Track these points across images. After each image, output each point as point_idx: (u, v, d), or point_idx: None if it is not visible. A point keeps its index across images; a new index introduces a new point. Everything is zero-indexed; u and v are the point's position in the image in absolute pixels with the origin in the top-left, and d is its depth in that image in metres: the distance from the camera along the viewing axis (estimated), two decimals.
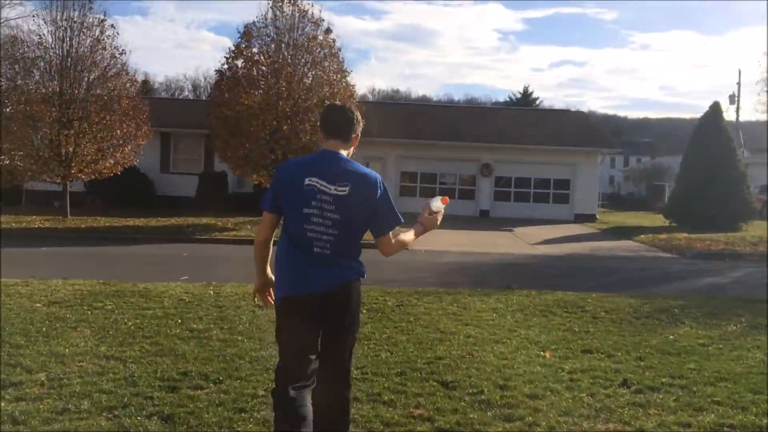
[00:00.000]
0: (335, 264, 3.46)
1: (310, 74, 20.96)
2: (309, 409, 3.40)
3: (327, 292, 3.44)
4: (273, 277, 3.67)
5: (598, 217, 29.02)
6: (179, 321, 7.13)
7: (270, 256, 3.72)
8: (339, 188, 3.43)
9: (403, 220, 3.62)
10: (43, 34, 20.05)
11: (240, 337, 6.51)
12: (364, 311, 7.87)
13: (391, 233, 3.59)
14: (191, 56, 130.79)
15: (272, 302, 3.71)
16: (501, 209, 28.63)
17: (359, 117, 3.68)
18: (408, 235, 3.72)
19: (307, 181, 3.43)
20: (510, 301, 8.99)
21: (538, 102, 64.54)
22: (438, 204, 3.77)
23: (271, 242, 3.68)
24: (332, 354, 3.57)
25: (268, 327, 6.94)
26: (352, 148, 3.67)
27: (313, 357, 3.50)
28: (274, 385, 3.52)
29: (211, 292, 8.94)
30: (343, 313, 3.52)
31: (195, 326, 6.91)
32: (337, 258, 3.45)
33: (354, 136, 3.65)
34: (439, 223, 3.75)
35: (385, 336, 6.78)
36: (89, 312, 7.44)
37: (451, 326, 7.33)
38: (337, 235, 3.42)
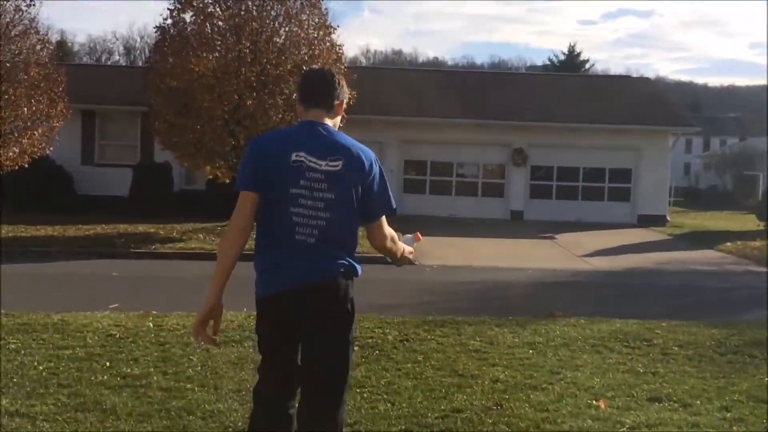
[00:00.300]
0: (319, 254, 3.78)
1: (282, 31, 21.03)
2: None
3: (312, 284, 3.76)
4: (222, 305, 3.97)
5: (669, 218, 29.05)
6: (107, 364, 7.14)
7: (234, 266, 3.94)
8: (331, 164, 3.77)
9: (395, 206, 4.06)
10: None
11: (189, 385, 6.52)
12: (357, 348, 7.92)
13: (384, 220, 4.05)
14: (122, 8, 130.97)
15: (213, 340, 3.99)
16: (539, 209, 28.66)
17: (342, 80, 4.06)
18: (400, 244, 4.27)
19: (294, 156, 3.76)
20: (552, 333, 9.02)
21: (588, 65, 64.69)
22: (410, 247, 4.41)
23: (248, 236, 3.89)
24: (316, 363, 3.85)
25: (227, 371, 6.98)
26: (338, 117, 4.04)
27: (291, 367, 3.91)
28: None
29: (150, 325, 8.96)
30: (329, 311, 3.81)
31: (129, 371, 6.93)
32: (324, 248, 3.78)
33: (338, 103, 4.01)
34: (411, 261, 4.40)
35: (384, 381, 6.80)
36: None
37: (472, 368, 7.34)
38: (329, 218, 3.76)
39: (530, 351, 8.11)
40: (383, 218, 4.04)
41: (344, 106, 4.04)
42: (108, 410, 5.81)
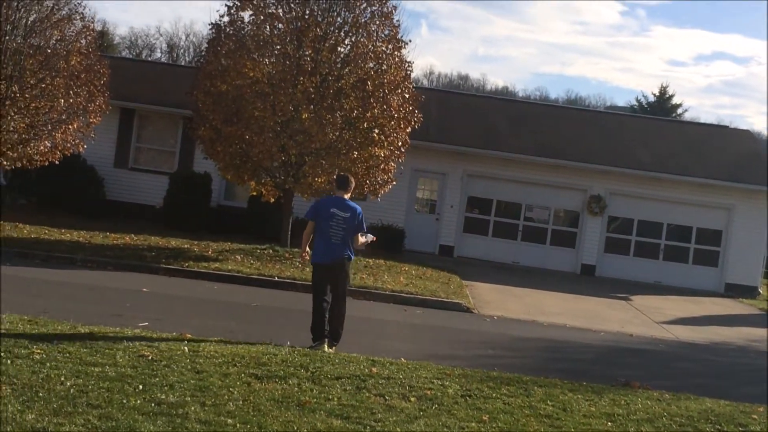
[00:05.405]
0: (340, 247, 11.02)
1: (348, 41, 21.13)
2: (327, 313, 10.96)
3: (335, 261, 11.02)
4: (309, 251, 11.59)
5: (761, 291, 28.55)
6: (140, 387, 7.18)
7: (308, 242, 11.48)
8: (344, 213, 11.04)
9: (365, 230, 11.34)
10: None
11: (230, 420, 6.52)
12: (412, 399, 7.94)
13: (359, 235, 11.24)
14: (168, 2, 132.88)
15: (308, 259, 11.75)
16: (614, 266, 28.36)
17: (352, 180, 11.82)
18: (362, 241, 11.35)
19: (332, 210, 11.08)
20: (633, 405, 8.90)
21: (681, 110, 64.12)
22: (367, 239, 11.47)
23: (310, 238, 11.41)
24: (335, 289, 11.06)
25: (271, 409, 6.95)
26: (350, 193, 11.49)
27: (328, 291, 10.97)
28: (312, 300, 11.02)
29: (185, 349, 9.01)
30: (341, 271, 11.12)
31: (163, 397, 6.96)
32: (342, 244, 11.03)
33: (350, 189, 11.47)
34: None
35: None
36: (9, 362, 7.54)
37: None
38: (342, 234, 11.00)
39: (609, 423, 8.01)
40: (359, 234, 11.09)
41: (352, 188, 11.68)
42: None
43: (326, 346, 10.64)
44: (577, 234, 28.68)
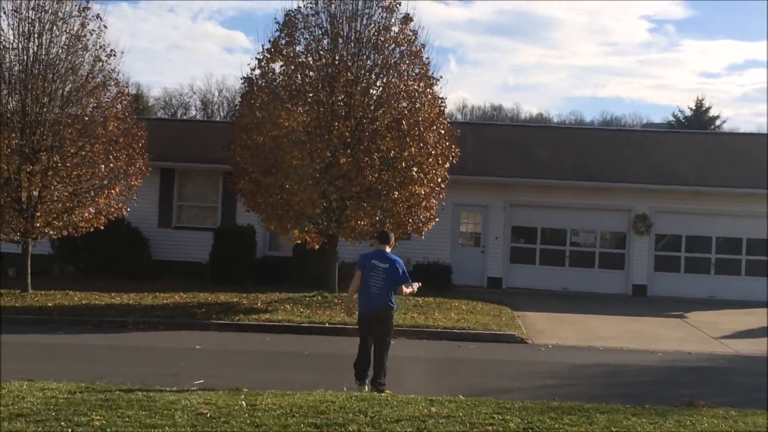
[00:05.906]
0: (380, 296, 11.71)
1: (379, 83, 21.23)
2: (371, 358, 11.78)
3: (377, 309, 11.69)
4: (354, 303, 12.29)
5: None
6: None
7: (355, 294, 12.09)
8: (384, 265, 11.83)
9: (410, 280, 12.02)
10: (2, 29, 20.92)
11: None
12: None
13: (404, 285, 11.97)
14: (199, 60, 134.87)
15: (352, 310, 12.29)
16: (665, 284, 27.95)
17: (392, 235, 13.23)
18: (409, 290, 12.11)
19: (372, 262, 11.89)
20: (699, 424, 8.72)
21: (720, 122, 63.47)
22: (411, 288, 12.08)
23: (358, 288, 11.99)
24: (378, 337, 11.71)
25: None
26: (391, 247, 12.51)
27: (370, 339, 11.80)
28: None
29: (243, 404, 8.99)
30: (383, 320, 11.77)
31: None
32: (382, 294, 11.72)
33: (391, 243, 12.55)
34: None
35: None
36: (70, 430, 7.56)
37: None
38: (383, 284, 11.74)
39: None
40: (404, 285, 11.79)
41: (394, 243, 14.03)
42: None
43: (366, 388, 11.30)
44: (625, 255, 28.38)
